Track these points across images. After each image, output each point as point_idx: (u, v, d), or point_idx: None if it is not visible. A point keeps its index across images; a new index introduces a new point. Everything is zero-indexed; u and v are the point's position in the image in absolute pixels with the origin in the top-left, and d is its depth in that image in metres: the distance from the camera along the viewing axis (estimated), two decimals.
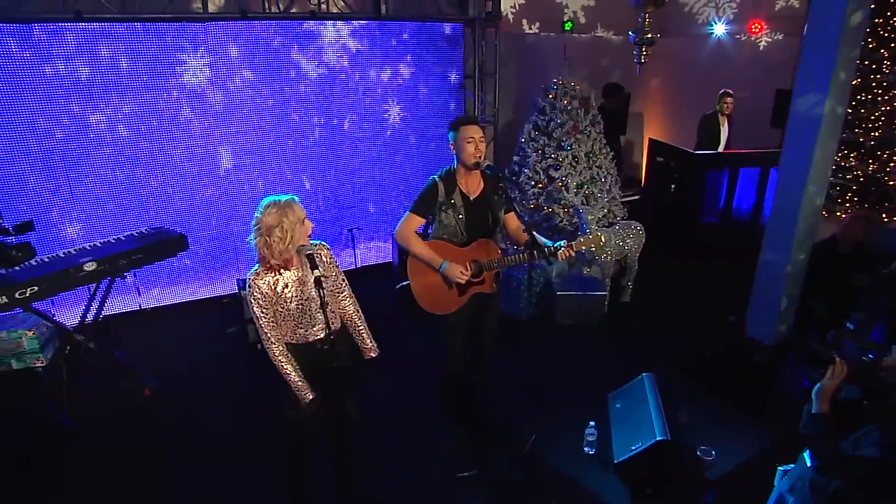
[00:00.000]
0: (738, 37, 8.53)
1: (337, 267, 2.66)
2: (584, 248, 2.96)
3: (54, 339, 4.54)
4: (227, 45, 4.88)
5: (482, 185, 3.15)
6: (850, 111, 6.46)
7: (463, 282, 3.02)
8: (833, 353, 2.38)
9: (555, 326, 4.91)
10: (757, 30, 7.57)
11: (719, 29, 8.68)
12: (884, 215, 6.41)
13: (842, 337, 2.67)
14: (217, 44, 4.84)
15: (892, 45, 6.13)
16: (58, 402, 3.73)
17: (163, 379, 4.17)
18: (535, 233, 3.00)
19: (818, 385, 2.36)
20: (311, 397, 2.54)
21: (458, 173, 3.11)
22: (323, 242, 2.61)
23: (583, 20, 9.28)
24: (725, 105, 6.38)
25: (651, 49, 3.89)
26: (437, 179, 3.10)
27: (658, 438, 2.99)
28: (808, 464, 2.35)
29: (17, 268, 3.42)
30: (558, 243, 2.93)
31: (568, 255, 2.91)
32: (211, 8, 4.89)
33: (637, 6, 3.78)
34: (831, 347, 2.46)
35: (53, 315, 3.98)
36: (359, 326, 2.77)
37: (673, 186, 6.60)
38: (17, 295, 3.29)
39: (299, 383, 2.52)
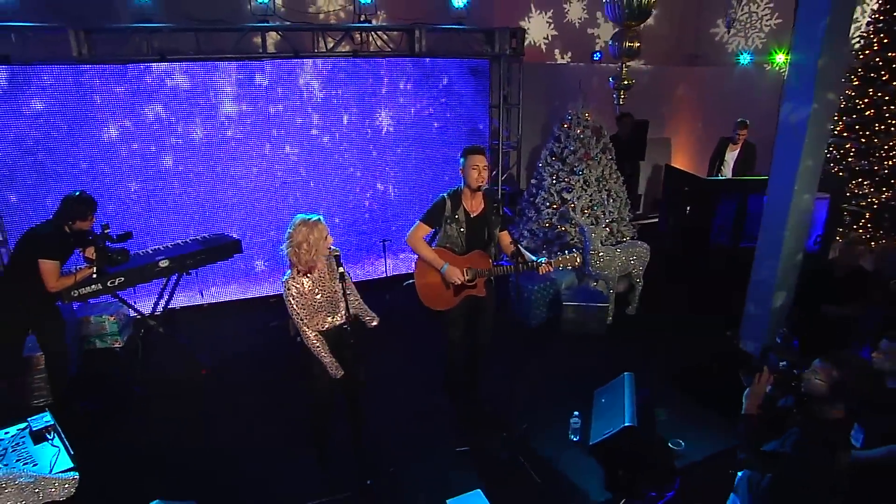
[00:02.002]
0: (765, 66, 8.84)
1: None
2: (561, 265, 3.50)
3: (129, 326, 5.39)
4: (282, 79, 5.68)
5: (483, 205, 3.73)
6: (863, 141, 6.72)
7: (459, 283, 3.60)
8: (761, 363, 2.81)
9: (561, 333, 5.40)
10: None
11: (746, 59, 9.02)
12: None
13: (769, 350, 3.05)
14: (273, 78, 5.65)
15: None
16: (132, 374, 4.52)
17: (214, 362, 4.92)
18: (521, 248, 3.54)
19: (747, 389, 2.79)
20: (341, 374, 3.15)
21: (463, 193, 3.70)
22: (337, 248, 3.17)
23: None
24: (737, 135, 6.75)
25: (627, 93, 4.40)
26: (445, 197, 3.70)
27: (626, 424, 3.45)
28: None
29: None
30: (540, 259, 3.48)
31: (547, 270, 3.45)
32: (269, 48, 5.72)
33: (616, 57, 4.30)
34: (760, 359, 2.86)
35: (135, 303, 4.78)
36: (358, 306, 3.38)
37: (687, 209, 6.97)
38: (108, 283, 4.09)
39: (332, 363, 3.12)
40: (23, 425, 2.73)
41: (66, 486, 2.10)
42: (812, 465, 2.45)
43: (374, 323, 3.46)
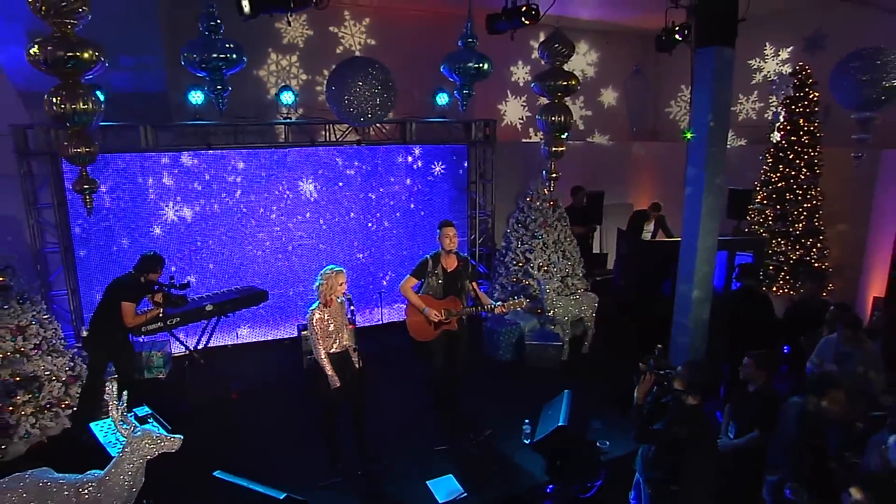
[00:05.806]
0: None
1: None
2: (512, 308, 4.84)
3: (170, 360, 6.57)
4: (300, 162, 7.13)
5: (457, 263, 5.05)
6: (779, 207, 8.12)
7: (436, 321, 4.87)
8: (645, 370, 4.04)
9: (524, 367, 6.60)
10: None
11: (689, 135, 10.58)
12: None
13: (650, 359, 4.24)
14: (293, 161, 7.10)
15: (805, 156, 7.87)
16: (180, 396, 5.68)
17: (243, 388, 6.09)
18: (482, 294, 4.85)
19: (636, 387, 4.01)
20: (339, 384, 4.34)
21: (441, 254, 5.03)
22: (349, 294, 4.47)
23: (581, 127, 11.35)
24: (651, 215, 8.40)
25: (555, 184, 5.76)
26: (428, 257, 5.03)
27: (559, 424, 4.62)
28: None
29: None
30: (496, 303, 4.81)
31: (501, 311, 4.77)
32: (291, 138, 7.20)
33: (546, 158, 5.71)
34: (643, 366, 4.10)
35: (186, 340, 6.00)
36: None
37: (635, 266, 8.27)
38: (167, 322, 5.33)
39: (333, 376, 4.32)
40: (129, 415, 3.90)
41: (176, 442, 3.29)
42: (677, 436, 3.66)
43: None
